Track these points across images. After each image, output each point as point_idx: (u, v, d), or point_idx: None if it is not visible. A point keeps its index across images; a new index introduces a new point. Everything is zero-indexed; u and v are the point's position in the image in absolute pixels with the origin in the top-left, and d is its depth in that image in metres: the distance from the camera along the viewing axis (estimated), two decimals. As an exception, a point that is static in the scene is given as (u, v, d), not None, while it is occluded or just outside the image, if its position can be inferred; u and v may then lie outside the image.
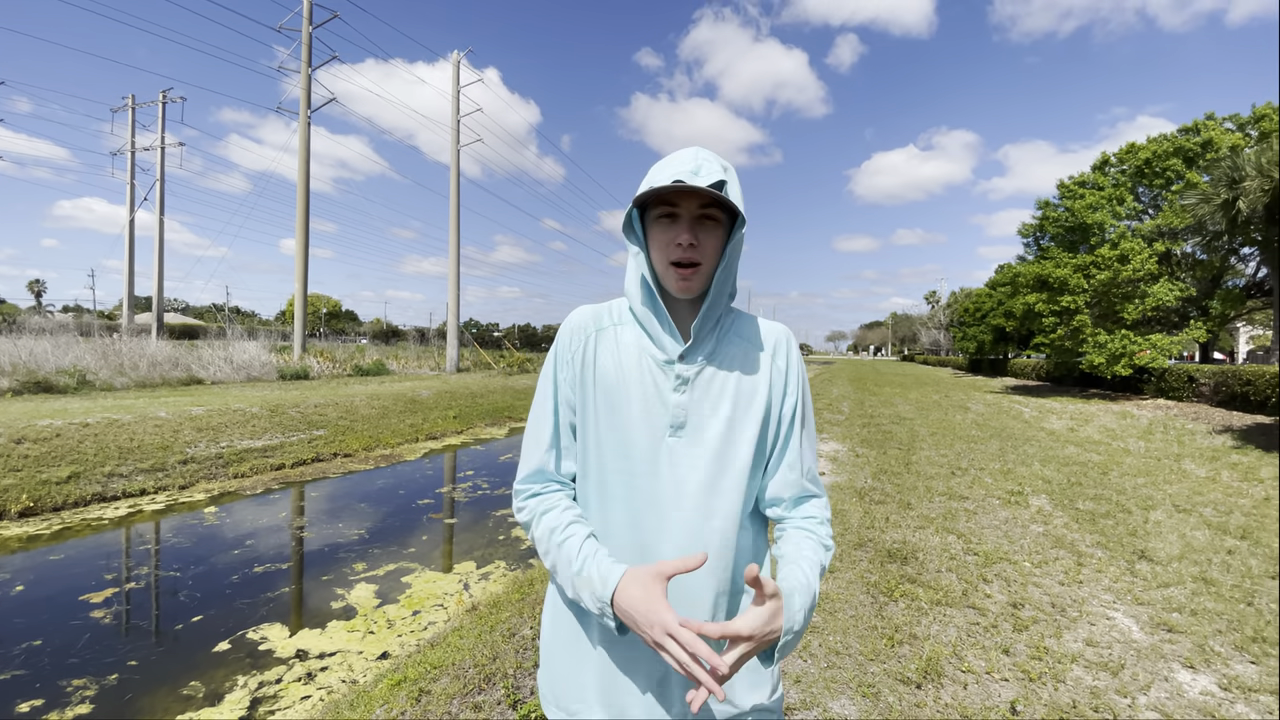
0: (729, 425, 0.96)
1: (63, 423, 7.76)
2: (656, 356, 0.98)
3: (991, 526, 4.93)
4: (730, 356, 1.00)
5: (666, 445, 0.95)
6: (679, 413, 0.96)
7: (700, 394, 0.97)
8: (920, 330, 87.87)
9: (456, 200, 23.59)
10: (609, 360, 1.00)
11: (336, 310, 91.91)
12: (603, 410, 0.98)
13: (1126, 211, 18.97)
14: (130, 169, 29.94)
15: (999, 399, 17.90)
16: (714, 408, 0.97)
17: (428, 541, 5.69)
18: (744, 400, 0.98)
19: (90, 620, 4.03)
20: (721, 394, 0.97)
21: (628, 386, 0.97)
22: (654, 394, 0.97)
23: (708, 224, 0.94)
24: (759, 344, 1.03)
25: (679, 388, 0.96)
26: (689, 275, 0.94)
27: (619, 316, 1.05)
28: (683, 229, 0.92)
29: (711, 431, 0.96)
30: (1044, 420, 12.48)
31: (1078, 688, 2.61)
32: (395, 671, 2.95)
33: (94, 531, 5.79)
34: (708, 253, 0.94)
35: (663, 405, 0.96)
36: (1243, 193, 12.73)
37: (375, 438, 10.40)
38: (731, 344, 1.02)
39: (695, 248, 0.92)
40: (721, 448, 0.96)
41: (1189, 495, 6.09)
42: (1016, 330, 24.17)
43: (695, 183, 0.88)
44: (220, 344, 17.56)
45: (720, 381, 0.98)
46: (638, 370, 0.98)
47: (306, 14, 19.86)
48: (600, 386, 0.99)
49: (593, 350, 1.01)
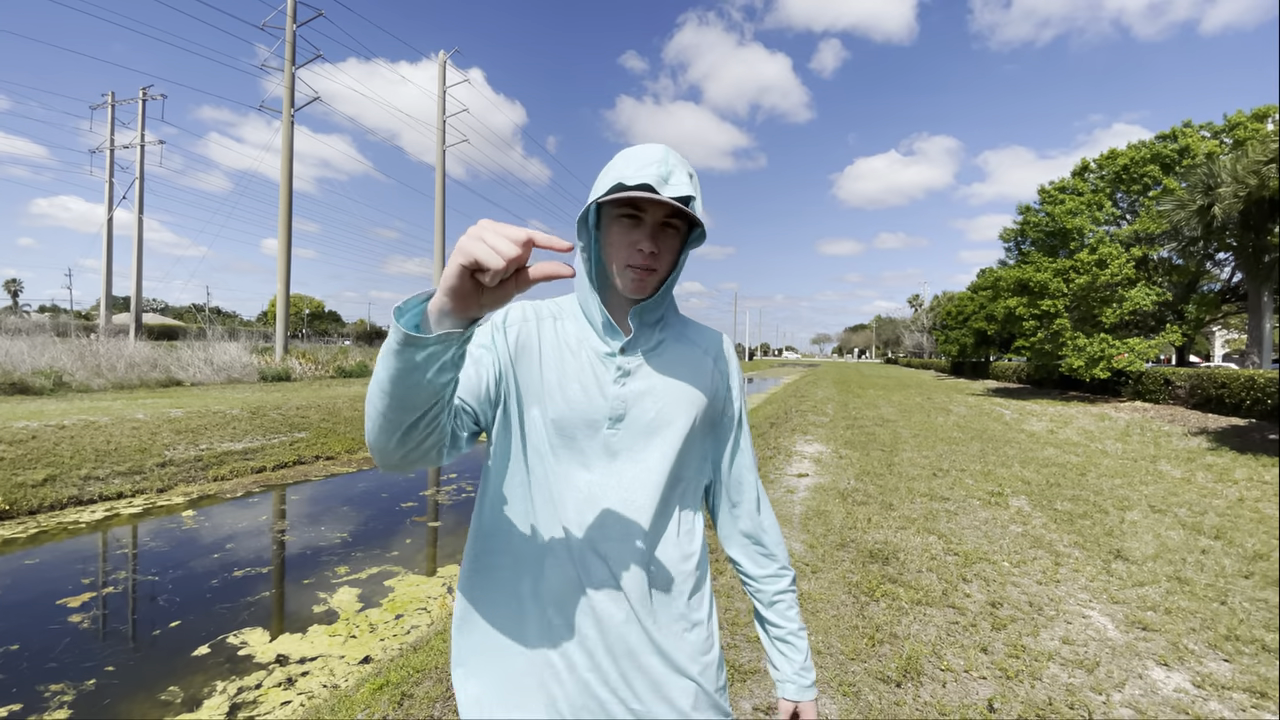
0: (669, 420, 0.96)
1: (39, 425, 7.62)
2: (598, 349, 0.98)
3: (972, 527, 5.00)
4: (672, 353, 1.01)
5: (603, 436, 0.95)
6: (618, 404, 0.95)
7: (641, 387, 0.97)
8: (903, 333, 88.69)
9: (442, 201, 23.48)
10: (546, 350, 0.98)
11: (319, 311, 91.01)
12: (546, 402, 0.95)
13: (1105, 217, 19.30)
14: (109, 167, 29.49)
15: (980, 401, 18.11)
16: (654, 402, 0.96)
17: (411, 544, 5.66)
18: (684, 396, 0.98)
19: (68, 625, 3.96)
20: (663, 389, 0.97)
21: (568, 377, 0.96)
22: (594, 385, 0.96)
23: (669, 231, 0.93)
24: (700, 345, 1.05)
25: (619, 379, 0.96)
26: (645, 278, 0.93)
27: (560, 310, 1.04)
28: (645, 235, 0.91)
29: (650, 424, 0.96)
30: (1024, 422, 12.65)
31: (1054, 685, 2.66)
32: (377, 675, 2.93)
33: (70, 535, 5.70)
34: (665, 260, 0.94)
35: (603, 397, 0.95)
36: (1218, 199, 12.99)
37: (358, 440, 10.31)
38: (674, 342, 1.03)
39: (655, 256, 0.92)
40: (660, 441, 0.96)
41: (1164, 496, 6.20)
42: (998, 333, 24.50)
43: (665, 193, 0.87)
44: (200, 345, 17.32)
45: (661, 377, 0.98)
46: (577, 362, 0.97)
47: (290, 12, 19.69)
48: (541, 376, 0.97)
49: (537, 334, 0.99)
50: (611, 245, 0.94)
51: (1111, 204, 19.74)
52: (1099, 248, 17.35)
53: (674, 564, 0.97)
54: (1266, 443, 9.31)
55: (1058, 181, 21.05)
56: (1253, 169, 11.98)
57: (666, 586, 0.96)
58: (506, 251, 0.62)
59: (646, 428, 0.95)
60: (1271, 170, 11.66)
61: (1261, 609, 3.47)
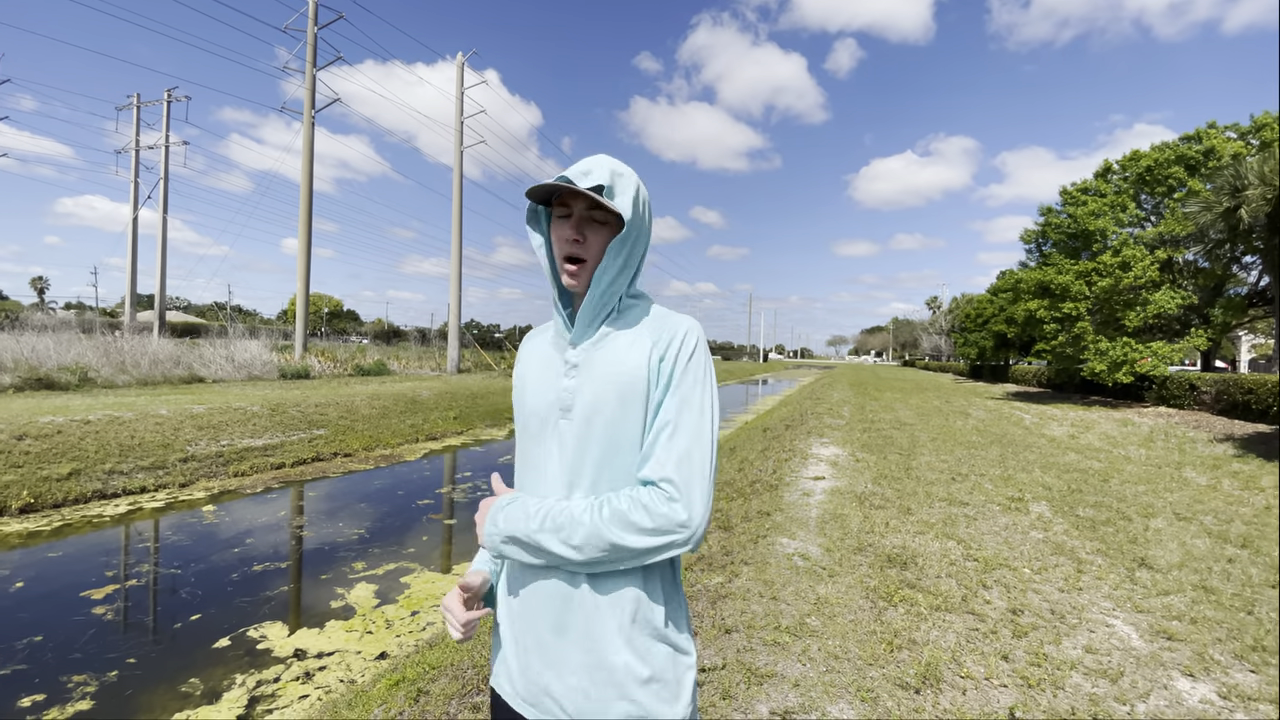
0: (605, 410, 1.00)
1: (64, 420, 7.77)
2: (558, 346, 1.08)
3: (991, 532, 4.93)
4: (613, 343, 1.03)
5: (558, 428, 1.02)
6: (566, 396, 1.03)
7: (585, 379, 1.02)
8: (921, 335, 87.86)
9: (459, 201, 23.63)
10: (527, 359, 1.13)
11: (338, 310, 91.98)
12: (520, 407, 1.10)
13: (1129, 219, 18.97)
14: (134, 167, 30.01)
15: (1000, 405, 17.89)
16: (595, 393, 1.01)
17: (427, 542, 5.70)
18: (612, 383, 1.00)
19: (91, 616, 4.04)
20: (603, 380, 1.01)
21: (534, 374, 1.09)
22: (550, 379, 1.06)
23: (595, 224, 1.01)
24: (645, 334, 1.03)
25: (569, 372, 1.04)
26: (576, 271, 1.02)
27: (552, 323, 1.15)
28: (570, 226, 1.00)
29: (591, 414, 1.00)
30: (1045, 427, 12.47)
31: (1076, 695, 2.61)
32: (394, 671, 2.95)
33: (94, 529, 5.80)
34: (593, 250, 1.01)
35: (554, 390, 1.04)
36: (1245, 201, 12.73)
37: (375, 438, 10.41)
38: (621, 334, 1.04)
39: (580, 244, 1.00)
40: (600, 431, 0.99)
41: (1189, 503, 6.08)
42: (1018, 336, 24.19)
43: (579, 184, 0.96)
44: (222, 342, 17.58)
45: (602, 368, 1.02)
46: (542, 359, 1.09)
47: (312, 15, 19.93)
48: (520, 386, 1.11)
49: (523, 356, 1.15)
50: (553, 242, 1.04)
51: (1135, 205, 19.40)
52: (1122, 250, 17.06)
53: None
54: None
55: (1080, 183, 20.70)
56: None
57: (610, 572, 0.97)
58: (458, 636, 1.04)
59: (587, 417, 1.00)
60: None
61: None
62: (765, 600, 3.50)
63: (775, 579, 3.81)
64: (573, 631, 0.98)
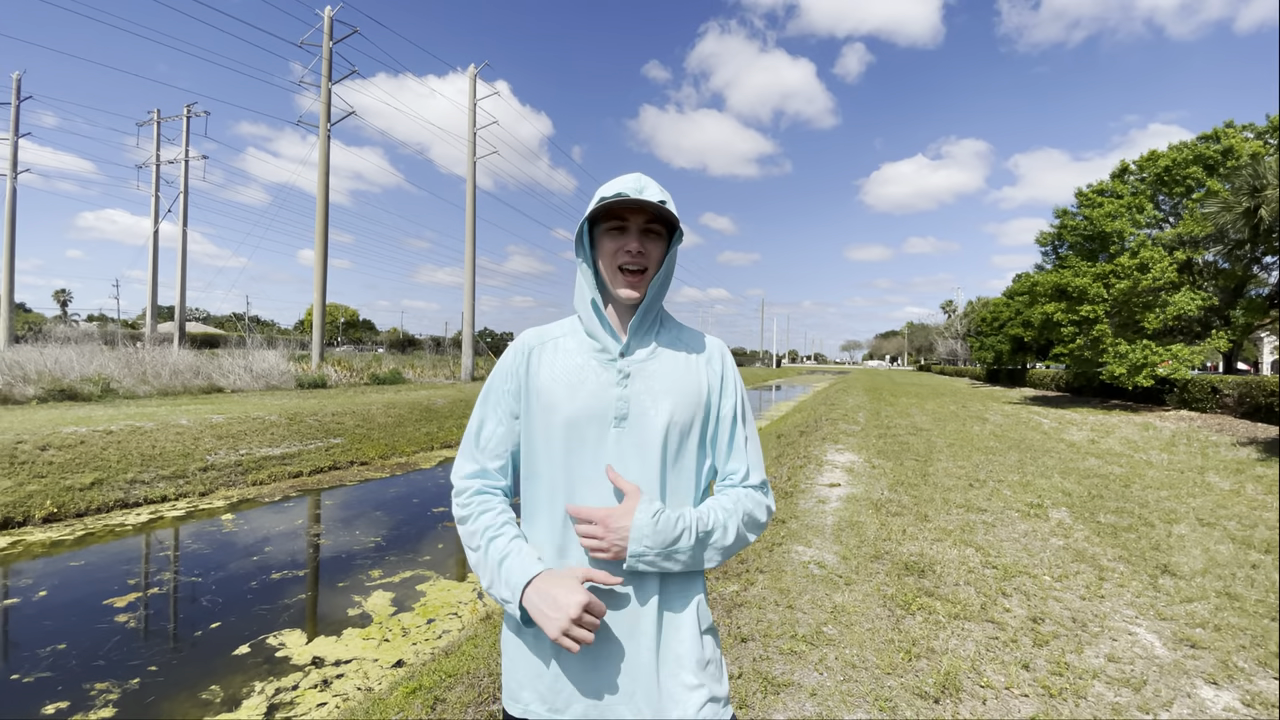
0: (670, 417, 1.05)
1: (86, 430, 7.91)
2: (601, 356, 1.09)
3: (1010, 539, 4.87)
4: (670, 356, 1.11)
5: (612, 435, 1.04)
6: (622, 405, 1.05)
7: (642, 387, 1.06)
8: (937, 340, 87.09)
9: (473, 212, 23.82)
10: (551, 367, 1.10)
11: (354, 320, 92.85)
12: (548, 412, 1.06)
13: (1146, 220, 18.73)
14: (155, 181, 30.57)
15: (1017, 410, 17.68)
16: (655, 400, 1.06)
17: (443, 550, 5.73)
18: (683, 395, 1.08)
19: (115, 624, 4.09)
20: (662, 389, 1.07)
21: (573, 385, 1.07)
22: (598, 388, 1.06)
23: (652, 235, 1.06)
24: (697, 349, 1.15)
25: (621, 381, 1.06)
26: (637, 281, 1.06)
27: (563, 330, 1.16)
28: (632, 238, 1.04)
29: (653, 421, 1.05)
30: (1064, 432, 12.31)
31: (1099, 704, 2.57)
32: (410, 679, 2.97)
33: (116, 537, 5.89)
34: (652, 260, 1.07)
35: (607, 398, 1.05)
36: (1264, 201, 12.54)
37: (391, 446, 10.49)
38: (671, 346, 1.13)
39: (643, 255, 1.05)
40: (663, 438, 1.04)
41: (1213, 508, 5.97)
42: (1035, 340, 23.90)
43: (642, 198, 1.00)
44: (240, 353, 17.81)
45: (661, 377, 1.08)
46: (581, 370, 1.08)
47: (327, 30, 20.24)
48: (543, 391, 1.08)
49: (535, 361, 1.12)
50: (604, 255, 1.07)
51: (1153, 206, 19.16)
52: (1140, 251, 16.84)
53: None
54: (1323, 454, 8.91)
55: (1096, 184, 20.49)
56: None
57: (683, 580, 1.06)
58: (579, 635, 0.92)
59: (648, 425, 1.04)
60: (1325, 170, 11.22)
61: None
62: (781, 609, 3.48)
63: (791, 587, 3.79)
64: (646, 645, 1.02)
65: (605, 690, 1.01)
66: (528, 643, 1.06)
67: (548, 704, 1.03)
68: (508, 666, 1.09)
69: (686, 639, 1.04)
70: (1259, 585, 3.93)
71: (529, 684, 1.05)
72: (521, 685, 1.06)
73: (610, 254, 1.06)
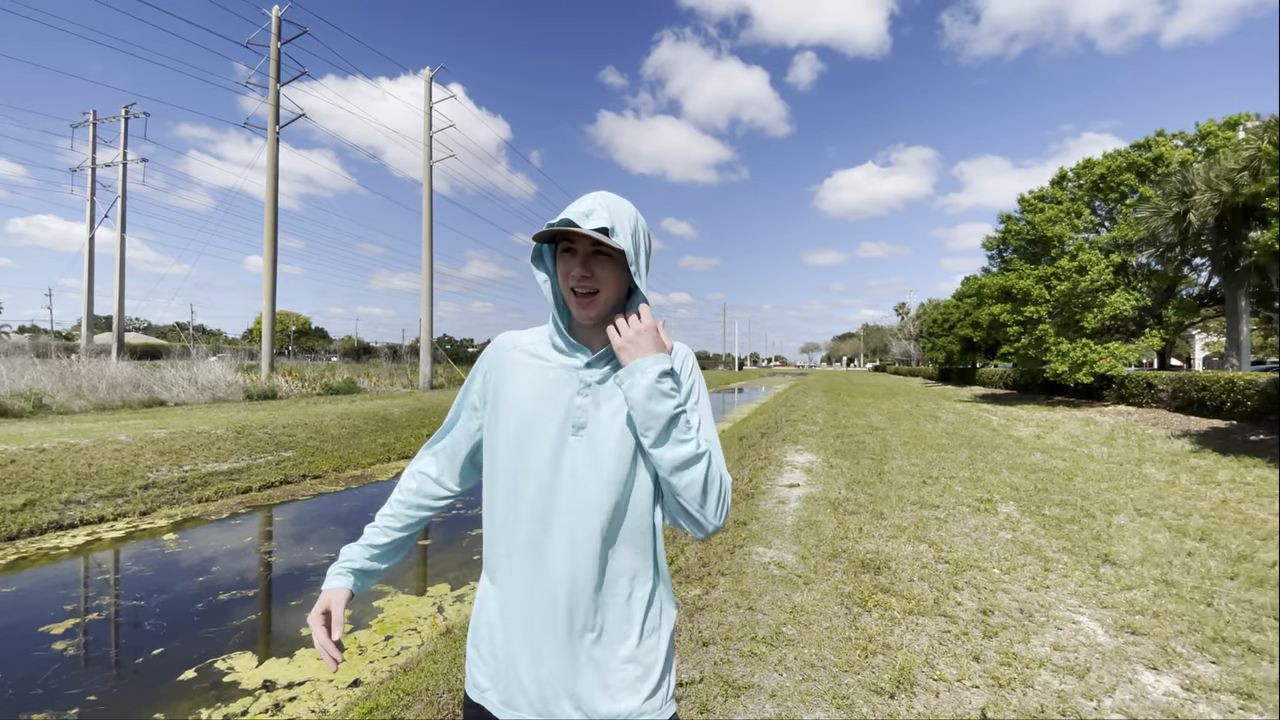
0: (625, 427, 1.07)
1: (17, 448, 7.49)
2: (565, 365, 1.11)
3: (962, 534, 5.02)
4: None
5: (570, 444, 1.06)
6: (580, 414, 1.07)
7: (602, 398, 1.09)
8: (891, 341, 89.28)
9: (429, 216, 23.46)
10: (521, 372, 1.13)
11: (306, 328, 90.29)
12: (512, 415, 1.10)
13: (1084, 224, 19.60)
14: (90, 186, 29.23)
15: (968, 408, 18.25)
16: (613, 412, 1.08)
17: (400, 564, 5.60)
18: None
19: (52, 652, 3.88)
20: (620, 399, 1.08)
21: (537, 393, 1.10)
22: (560, 398, 1.09)
23: (600, 258, 1.07)
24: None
25: (582, 391, 1.09)
26: (587, 304, 1.08)
27: (537, 337, 1.18)
28: (577, 263, 1.06)
29: (609, 431, 1.07)
30: (1011, 428, 12.76)
31: (1045, 692, 2.67)
32: (367, 699, 2.89)
33: (51, 561, 5.59)
34: (605, 282, 1.08)
35: (568, 406, 1.08)
36: (1193, 206, 13.25)
37: (346, 458, 10.22)
38: None
39: (589, 279, 1.06)
40: (617, 447, 1.06)
41: (1150, 499, 6.26)
42: (984, 340, 24.73)
43: (584, 225, 1.02)
44: (184, 364, 17.12)
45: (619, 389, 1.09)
46: (545, 377, 1.11)
47: (275, 30, 19.69)
48: (510, 395, 1.11)
49: (507, 364, 1.15)
50: (559, 277, 1.10)
51: (1090, 211, 20.07)
52: (1079, 254, 17.61)
53: (625, 560, 1.07)
54: (1248, 444, 9.45)
55: (1037, 190, 21.37)
56: (1225, 176, 12.25)
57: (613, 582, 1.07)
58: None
59: (604, 435, 1.06)
60: (1244, 177, 11.92)
61: (1247, 610, 3.50)
62: (742, 611, 3.51)
63: (752, 589, 3.83)
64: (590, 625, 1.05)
65: (550, 685, 1.04)
66: (483, 634, 1.11)
67: (500, 696, 1.08)
68: (469, 654, 1.15)
69: (633, 635, 1.07)
70: (1194, 572, 4.14)
71: (484, 675, 1.10)
72: (480, 673, 1.11)
73: (563, 276, 1.09)
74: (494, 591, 1.12)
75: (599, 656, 1.05)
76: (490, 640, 1.10)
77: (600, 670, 1.04)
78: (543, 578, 1.04)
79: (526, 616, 1.05)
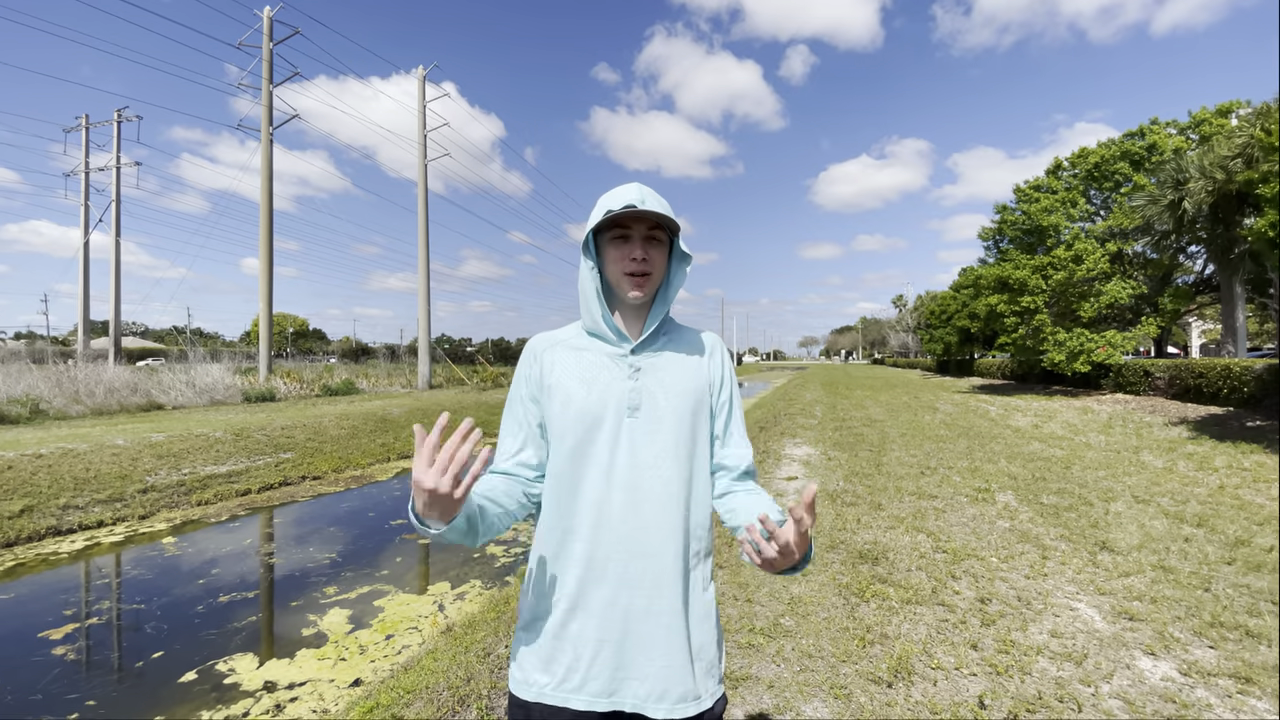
0: (679, 406, 1.15)
1: (14, 454, 7.48)
2: (611, 353, 1.18)
3: (960, 524, 5.03)
4: (674, 352, 1.21)
5: (626, 425, 1.12)
6: (634, 396, 1.13)
7: (652, 381, 1.15)
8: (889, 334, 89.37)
9: (425, 215, 23.41)
10: (564, 365, 1.18)
11: (304, 329, 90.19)
12: (568, 407, 1.14)
13: (1080, 214, 19.62)
14: (84, 190, 29.12)
15: (966, 399, 18.28)
16: (665, 392, 1.15)
17: (401, 563, 5.60)
18: (690, 387, 1.18)
19: (51, 657, 3.88)
20: (671, 380, 1.16)
21: (586, 380, 1.15)
22: (611, 381, 1.15)
23: (654, 242, 1.16)
24: (698, 347, 1.25)
25: (633, 375, 1.15)
26: (642, 283, 1.15)
27: (571, 332, 1.25)
28: (635, 246, 1.13)
29: (663, 411, 1.14)
30: (1009, 418, 12.78)
31: (1043, 679, 2.68)
32: (368, 698, 2.89)
33: (50, 567, 5.58)
34: (656, 265, 1.16)
35: (620, 391, 1.14)
36: (1188, 194, 13.26)
37: (345, 459, 10.21)
38: (675, 343, 1.23)
39: (647, 261, 1.14)
40: (673, 424, 1.13)
41: (1147, 486, 6.28)
42: (981, 331, 24.77)
43: (645, 208, 1.09)
44: (181, 367, 17.10)
45: (669, 371, 1.18)
46: (594, 367, 1.16)
47: (267, 31, 19.61)
48: (558, 388, 1.16)
49: (548, 362, 1.20)
50: (610, 263, 1.16)
51: (1085, 201, 20.08)
52: (1074, 244, 17.62)
53: (692, 531, 1.13)
54: (1244, 430, 9.47)
55: (1033, 180, 21.38)
56: (1219, 164, 12.26)
57: (685, 552, 1.12)
58: (432, 484, 0.87)
59: (658, 415, 1.13)
60: (1238, 164, 11.93)
61: (1244, 595, 3.52)
62: (740, 603, 3.52)
63: (750, 581, 3.84)
64: (667, 610, 1.08)
65: (622, 667, 1.07)
66: (543, 626, 1.12)
67: (564, 685, 1.08)
68: (524, 650, 1.14)
69: (699, 618, 1.12)
70: (1191, 558, 4.15)
71: (546, 666, 1.10)
72: (537, 668, 1.10)
73: (616, 260, 1.15)
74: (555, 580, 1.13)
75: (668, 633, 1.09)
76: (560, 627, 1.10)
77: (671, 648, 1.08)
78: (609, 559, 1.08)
79: (612, 606, 1.08)
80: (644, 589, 1.07)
